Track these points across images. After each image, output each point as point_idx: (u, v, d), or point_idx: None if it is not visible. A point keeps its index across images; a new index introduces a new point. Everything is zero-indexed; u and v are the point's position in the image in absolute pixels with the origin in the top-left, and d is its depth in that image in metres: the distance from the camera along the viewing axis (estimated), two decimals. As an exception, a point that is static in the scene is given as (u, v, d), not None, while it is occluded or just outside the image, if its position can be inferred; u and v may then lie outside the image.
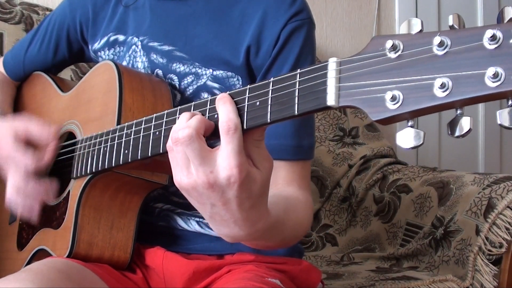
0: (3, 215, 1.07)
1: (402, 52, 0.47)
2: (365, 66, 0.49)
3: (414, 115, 0.47)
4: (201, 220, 0.95)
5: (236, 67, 0.90)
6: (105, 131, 0.81)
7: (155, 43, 0.95)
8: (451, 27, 0.46)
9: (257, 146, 0.59)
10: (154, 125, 0.69)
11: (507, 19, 0.44)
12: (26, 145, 0.89)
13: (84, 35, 1.05)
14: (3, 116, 0.99)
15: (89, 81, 0.95)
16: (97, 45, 1.02)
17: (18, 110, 1.10)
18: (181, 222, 0.95)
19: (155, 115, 0.69)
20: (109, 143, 0.79)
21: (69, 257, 0.86)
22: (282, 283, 0.85)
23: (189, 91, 0.93)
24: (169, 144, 0.59)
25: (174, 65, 0.93)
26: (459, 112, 0.46)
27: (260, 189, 0.59)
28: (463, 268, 1.32)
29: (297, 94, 0.54)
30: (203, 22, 0.92)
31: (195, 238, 0.95)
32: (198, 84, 0.92)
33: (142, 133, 0.71)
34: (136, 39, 0.97)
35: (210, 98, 0.62)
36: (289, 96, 0.55)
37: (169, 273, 0.92)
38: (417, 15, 2.29)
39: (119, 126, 0.78)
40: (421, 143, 0.48)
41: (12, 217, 1.04)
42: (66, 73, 1.42)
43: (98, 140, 0.82)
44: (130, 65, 0.97)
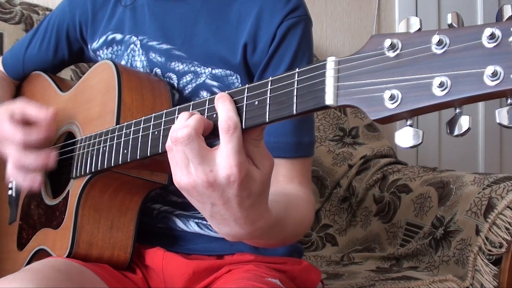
0: (3, 215, 1.07)
1: (400, 51, 0.47)
2: (363, 65, 0.49)
3: (412, 114, 0.47)
4: (200, 221, 0.95)
5: (234, 65, 0.90)
6: (104, 130, 0.81)
7: (154, 42, 0.95)
8: (450, 26, 0.46)
9: (256, 145, 0.59)
10: (153, 124, 0.69)
11: (506, 17, 0.44)
12: (22, 124, 0.88)
13: (83, 35, 1.05)
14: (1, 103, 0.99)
15: (88, 81, 0.95)
16: (95, 45, 1.02)
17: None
18: (180, 223, 0.95)
19: (154, 115, 0.69)
20: (108, 143, 0.79)
21: (69, 257, 0.86)
22: (282, 283, 0.85)
23: (188, 89, 0.93)
24: (168, 144, 0.59)
25: (172, 63, 0.93)
26: (458, 111, 0.46)
27: (260, 187, 0.59)
28: (463, 268, 1.31)
29: (295, 93, 0.54)
30: (202, 20, 0.92)
31: (195, 239, 0.95)
32: (197, 82, 0.92)
33: (141, 133, 0.71)
34: (134, 38, 0.97)
35: (209, 97, 0.62)
36: (287, 95, 0.55)
37: (169, 273, 0.92)
38: (417, 15, 2.28)
39: (118, 126, 0.78)
40: (420, 142, 0.48)
41: (12, 217, 1.04)
42: (66, 73, 1.42)
43: (97, 140, 0.82)
44: (128, 64, 0.97)
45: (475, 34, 0.44)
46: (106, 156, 0.79)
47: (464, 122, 0.46)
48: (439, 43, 0.45)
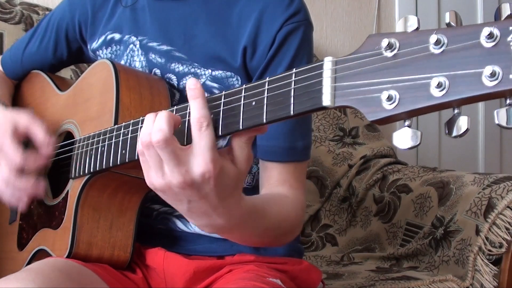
0: (3, 215, 1.07)
1: (398, 50, 0.47)
2: (361, 65, 0.48)
3: (410, 115, 0.47)
4: (200, 222, 0.95)
5: (234, 67, 0.90)
6: (103, 130, 0.81)
7: (154, 43, 0.95)
8: (448, 25, 0.46)
9: (241, 147, 0.61)
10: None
11: (504, 16, 0.43)
12: (21, 142, 0.88)
13: (83, 35, 1.05)
14: (5, 107, 0.98)
15: (87, 80, 0.94)
16: (95, 44, 1.02)
17: (16, 108, 1.10)
18: (180, 224, 0.95)
19: None
20: (107, 143, 0.78)
21: (68, 257, 0.86)
22: (283, 283, 0.85)
23: (188, 91, 0.93)
24: (139, 148, 0.60)
25: (172, 65, 0.93)
26: (456, 111, 0.46)
27: (233, 182, 0.61)
28: (463, 268, 1.31)
29: (292, 94, 0.54)
30: (202, 22, 0.92)
31: (195, 239, 0.95)
32: (197, 84, 0.92)
33: (139, 132, 0.71)
34: (134, 38, 0.96)
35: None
36: (284, 96, 0.54)
37: (169, 273, 0.92)
38: (417, 15, 2.28)
39: (116, 126, 0.78)
40: (418, 143, 0.47)
41: (12, 217, 1.04)
42: (66, 73, 1.42)
43: (95, 139, 0.82)
44: (127, 64, 0.97)
45: (473, 33, 0.43)
46: (104, 156, 0.79)
47: (462, 122, 0.45)
48: (437, 42, 0.45)
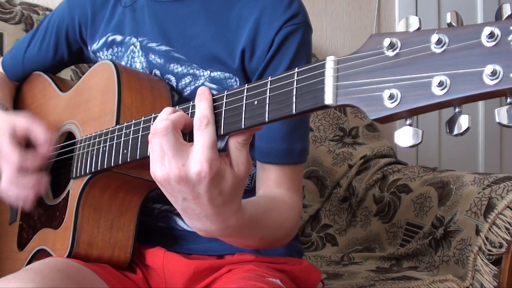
0: (3, 215, 1.07)
1: (400, 50, 0.47)
2: (363, 64, 0.49)
3: (412, 113, 0.47)
4: (200, 221, 0.95)
5: (233, 69, 0.90)
6: (104, 131, 0.81)
7: (153, 44, 0.95)
8: (449, 25, 0.46)
9: (239, 148, 0.61)
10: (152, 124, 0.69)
11: (505, 16, 0.44)
12: (21, 143, 0.89)
13: (83, 36, 1.05)
14: (5, 110, 0.99)
15: (88, 81, 0.95)
16: (95, 46, 1.02)
17: (17, 110, 1.10)
18: (180, 222, 0.95)
19: (153, 115, 0.70)
20: (108, 143, 0.79)
21: (69, 257, 0.86)
22: (282, 283, 0.85)
23: (187, 92, 0.93)
24: (150, 136, 0.61)
25: (171, 65, 0.93)
26: (457, 110, 0.46)
27: (231, 188, 0.61)
28: (463, 268, 1.31)
29: (294, 93, 0.54)
30: (201, 23, 0.92)
31: (195, 238, 0.94)
32: (196, 85, 0.92)
33: (140, 132, 0.72)
34: (134, 40, 0.97)
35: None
36: (286, 95, 0.55)
37: (169, 273, 0.92)
38: (417, 15, 2.28)
39: (118, 126, 0.78)
40: (419, 141, 0.48)
41: (12, 217, 1.04)
42: (66, 73, 1.42)
43: (97, 140, 0.82)
44: (128, 65, 0.97)
45: (474, 33, 0.44)
46: (106, 156, 0.79)
47: (463, 121, 0.46)
48: (439, 42, 0.45)
